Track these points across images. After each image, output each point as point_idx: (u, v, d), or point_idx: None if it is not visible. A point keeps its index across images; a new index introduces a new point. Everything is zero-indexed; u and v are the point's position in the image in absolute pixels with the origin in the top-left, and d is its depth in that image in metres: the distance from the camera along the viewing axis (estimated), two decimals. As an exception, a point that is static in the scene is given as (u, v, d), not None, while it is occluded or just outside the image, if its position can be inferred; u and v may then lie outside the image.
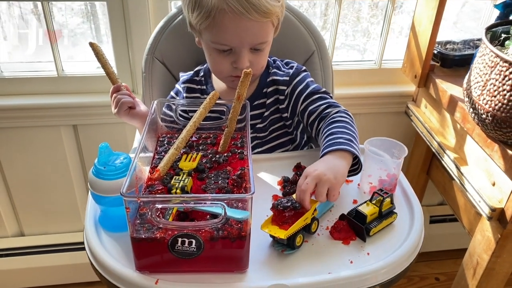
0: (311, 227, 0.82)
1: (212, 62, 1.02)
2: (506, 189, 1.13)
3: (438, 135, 1.41)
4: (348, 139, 0.90)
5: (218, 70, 1.02)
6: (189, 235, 0.70)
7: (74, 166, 1.61)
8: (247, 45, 0.96)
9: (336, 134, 0.92)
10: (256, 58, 0.99)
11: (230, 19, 0.91)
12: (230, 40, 0.94)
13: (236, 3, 0.90)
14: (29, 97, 1.46)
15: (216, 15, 0.91)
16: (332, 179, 0.81)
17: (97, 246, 0.79)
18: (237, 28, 0.93)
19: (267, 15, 0.93)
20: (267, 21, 0.95)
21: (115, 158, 0.81)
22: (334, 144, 0.90)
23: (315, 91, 1.05)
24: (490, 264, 1.25)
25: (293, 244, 0.78)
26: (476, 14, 1.73)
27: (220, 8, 0.91)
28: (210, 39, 0.96)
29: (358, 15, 1.67)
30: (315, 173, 0.82)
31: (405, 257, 0.80)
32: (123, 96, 1.02)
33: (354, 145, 0.90)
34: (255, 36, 0.95)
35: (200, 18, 0.93)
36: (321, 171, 0.82)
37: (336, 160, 0.87)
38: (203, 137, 0.96)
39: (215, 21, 0.92)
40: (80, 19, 1.54)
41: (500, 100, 1.05)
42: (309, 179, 0.81)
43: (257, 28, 0.94)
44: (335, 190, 0.82)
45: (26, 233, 1.72)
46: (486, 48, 1.08)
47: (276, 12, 0.95)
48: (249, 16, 0.91)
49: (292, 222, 0.78)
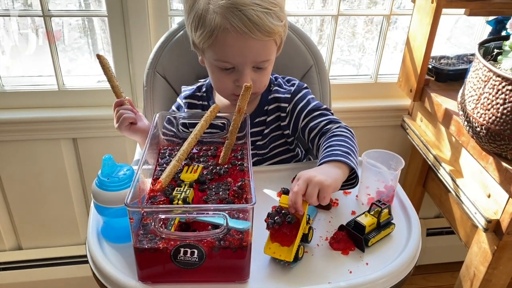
0: (308, 237, 0.83)
1: (215, 80, 1.03)
2: (501, 200, 1.15)
3: (434, 148, 1.44)
4: (345, 151, 0.91)
5: (221, 88, 1.03)
6: (191, 245, 0.72)
7: (73, 180, 1.62)
8: (249, 63, 0.97)
9: (334, 146, 0.93)
10: (258, 77, 1.00)
11: (233, 38, 0.92)
12: (232, 58, 0.96)
13: (239, 22, 0.91)
14: (30, 111, 1.47)
15: (219, 34, 0.93)
16: (323, 180, 0.81)
17: (99, 257, 0.80)
18: (240, 47, 0.94)
19: (270, 34, 0.94)
20: (270, 40, 0.96)
21: (119, 169, 0.82)
22: (331, 155, 0.90)
23: (316, 108, 1.06)
24: (487, 276, 1.26)
25: (297, 257, 0.79)
26: (470, 30, 1.77)
27: (223, 28, 0.92)
28: (213, 57, 0.97)
29: (354, 31, 1.71)
30: (306, 175, 0.82)
31: (403, 267, 0.81)
32: (125, 111, 1.03)
33: (352, 158, 0.91)
34: (257, 55, 0.96)
35: (203, 37, 0.94)
36: (312, 173, 0.82)
37: (330, 168, 0.87)
38: (204, 149, 0.97)
39: (218, 40, 0.93)
40: (77, 34, 1.56)
41: (493, 113, 1.07)
42: (300, 181, 0.81)
43: (259, 46, 0.95)
44: (326, 192, 0.81)
45: (24, 246, 1.72)
46: (479, 63, 1.11)
47: (279, 32, 0.96)
48: (252, 36, 0.92)
49: (291, 235, 0.78)
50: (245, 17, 0.91)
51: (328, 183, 0.81)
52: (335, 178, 0.85)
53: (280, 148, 1.13)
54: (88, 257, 0.83)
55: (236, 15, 0.91)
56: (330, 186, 0.82)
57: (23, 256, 1.70)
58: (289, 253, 0.77)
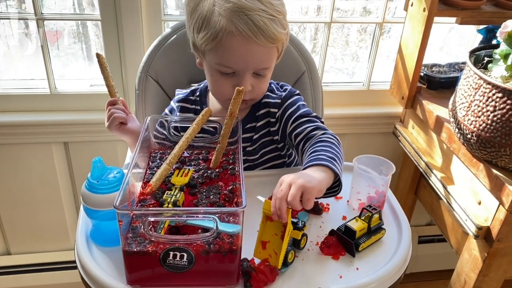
0: (300, 243, 0.83)
1: (213, 84, 1.02)
2: (491, 207, 1.15)
3: (426, 155, 1.44)
4: (331, 157, 0.89)
5: (219, 92, 1.03)
6: (181, 248, 0.71)
7: (64, 184, 1.60)
8: (251, 69, 0.97)
9: (320, 152, 0.91)
10: (257, 83, 1.00)
11: (237, 42, 0.92)
12: (235, 62, 0.95)
13: (245, 26, 0.91)
14: (21, 114, 1.46)
15: (224, 37, 0.92)
16: (306, 183, 0.77)
17: (88, 261, 0.79)
18: (243, 52, 0.94)
19: (273, 41, 0.94)
20: (272, 47, 0.96)
21: (109, 172, 0.81)
22: (316, 159, 0.88)
23: (305, 114, 1.05)
24: (478, 283, 1.26)
25: (286, 262, 0.79)
26: (462, 40, 1.79)
27: (228, 30, 0.91)
28: (215, 60, 0.96)
29: (347, 39, 1.72)
30: (288, 178, 0.79)
31: (394, 272, 0.81)
32: (116, 111, 1.03)
33: (337, 164, 0.89)
34: (260, 61, 0.96)
35: (207, 39, 0.94)
36: (294, 176, 0.80)
37: (315, 171, 0.84)
38: (195, 153, 0.97)
39: (222, 43, 0.93)
40: (71, 40, 1.56)
41: (484, 120, 1.08)
42: (283, 185, 0.78)
43: (262, 53, 0.95)
44: (310, 194, 0.77)
45: (12, 251, 1.70)
46: (470, 71, 1.12)
47: (282, 39, 0.97)
48: (256, 41, 0.92)
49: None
50: (251, 22, 0.91)
51: (312, 185, 0.78)
52: (320, 180, 0.81)
53: (271, 154, 1.13)
54: (76, 260, 0.82)
55: (242, 19, 0.91)
56: (314, 188, 0.79)
57: (12, 262, 1.68)
58: (277, 260, 0.76)
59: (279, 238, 0.77)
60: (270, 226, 0.78)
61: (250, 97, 1.02)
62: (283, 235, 0.77)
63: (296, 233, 0.81)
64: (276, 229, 0.78)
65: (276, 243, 0.77)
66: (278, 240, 0.77)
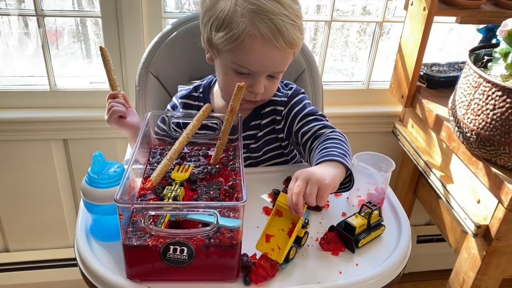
0: (302, 240, 0.83)
1: (226, 82, 1.02)
2: (490, 206, 1.16)
3: (425, 154, 1.45)
4: (342, 153, 0.91)
5: (231, 91, 1.02)
6: (181, 242, 0.71)
7: (63, 181, 1.60)
8: (267, 72, 0.97)
9: (330, 148, 0.92)
10: (270, 84, 1.01)
11: (258, 45, 0.92)
12: (253, 65, 0.95)
13: (268, 30, 0.91)
14: (21, 111, 1.46)
15: (246, 39, 0.92)
16: (321, 179, 0.79)
17: (88, 255, 0.79)
18: (263, 55, 0.94)
19: (292, 46, 0.95)
20: (290, 52, 0.97)
21: (109, 167, 0.81)
22: (327, 155, 0.89)
23: (312, 112, 1.06)
24: (476, 282, 1.26)
25: (288, 258, 0.78)
26: (461, 42, 1.79)
27: (250, 33, 0.91)
28: (232, 60, 0.96)
29: (347, 40, 1.72)
30: (304, 173, 0.80)
31: (393, 268, 0.81)
32: (116, 104, 1.03)
33: (348, 160, 0.90)
34: (277, 65, 0.97)
35: (227, 39, 0.93)
36: (310, 171, 0.81)
37: (328, 167, 0.86)
38: (196, 149, 0.97)
39: (242, 45, 0.93)
40: (71, 39, 1.55)
41: (483, 119, 1.09)
42: (299, 181, 0.79)
43: (280, 57, 0.96)
44: (325, 191, 0.79)
45: (11, 249, 1.69)
46: (470, 69, 1.13)
47: (299, 45, 0.98)
48: (277, 45, 0.92)
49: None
50: (274, 26, 0.91)
51: (327, 182, 0.80)
52: (334, 176, 0.83)
53: (274, 152, 1.13)
54: (76, 255, 0.82)
55: (265, 22, 0.91)
56: (330, 185, 0.80)
57: (10, 259, 1.67)
58: (280, 255, 0.76)
59: (285, 234, 0.77)
60: (278, 220, 0.79)
61: (261, 98, 1.03)
62: (290, 231, 0.77)
63: (300, 231, 0.81)
64: (283, 224, 0.79)
65: (280, 238, 0.77)
66: (283, 235, 0.77)
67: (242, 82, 0.97)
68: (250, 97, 1.00)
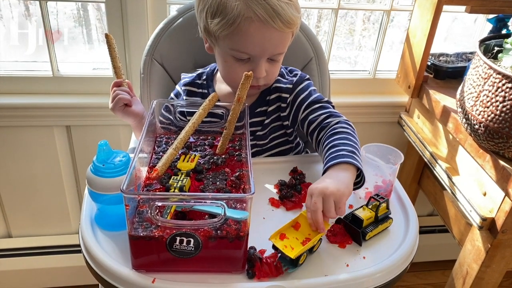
0: (313, 247, 0.81)
1: (227, 69, 1.01)
2: (497, 199, 1.15)
3: (431, 145, 1.43)
4: (351, 151, 0.89)
5: (232, 78, 1.01)
6: (188, 234, 0.70)
7: (66, 168, 1.59)
8: (267, 54, 0.96)
9: (339, 146, 0.91)
10: (271, 68, 0.99)
11: (255, 28, 0.91)
12: (252, 48, 0.94)
13: (263, 11, 0.89)
14: (23, 96, 1.45)
15: (241, 22, 0.90)
16: (335, 191, 0.79)
17: (93, 245, 0.78)
18: (261, 37, 0.92)
19: (290, 25, 0.93)
20: (288, 32, 0.95)
21: (114, 156, 0.80)
22: (337, 157, 0.88)
23: (317, 100, 1.05)
24: (480, 274, 1.26)
25: (297, 263, 0.76)
26: (466, 32, 1.76)
27: (246, 16, 0.90)
28: (230, 46, 0.95)
29: (351, 28, 1.70)
30: (317, 189, 0.80)
31: (400, 262, 0.81)
32: (121, 92, 1.02)
33: (357, 157, 0.89)
34: (276, 46, 0.95)
35: (223, 25, 0.92)
36: (323, 185, 0.80)
37: (339, 172, 0.85)
38: (201, 139, 0.96)
39: (239, 29, 0.91)
40: (72, 24, 1.53)
41: (492, 111, 1.07)
42: (315, 198, 0.79)
43: (279, 38, 0.94)
44: (340, 202, 0.80)
45: (13, 234, 1.69)
46: (480, 60, 1.11)
47: (297, 23, 0.96)
48: (274, 25, 0.91)
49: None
50: (269, 6, 0.89)
51: (341, 192, 0.80)
52: (347, 183, 0.83)
53: (280, 139, 1.12)
54: (81, 244, 0.82)
55: (260, 3, 0.89)
56: (344, 195, 0.81)
57: (13, 244, 1.67)
58: (291, 252, 0.74)
59: (299, 243, 0.77)
60: (294, 231, 0.79)
61: (264, 83, 1.01)
62: (304, 242, 0.77)
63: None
64: (299, 235, 0.78)
65: (294, 243, 0.76)
66: (297, 244, 0.76)
67: (242, 68, 0.96)
68: (252, 82, 0.99)
